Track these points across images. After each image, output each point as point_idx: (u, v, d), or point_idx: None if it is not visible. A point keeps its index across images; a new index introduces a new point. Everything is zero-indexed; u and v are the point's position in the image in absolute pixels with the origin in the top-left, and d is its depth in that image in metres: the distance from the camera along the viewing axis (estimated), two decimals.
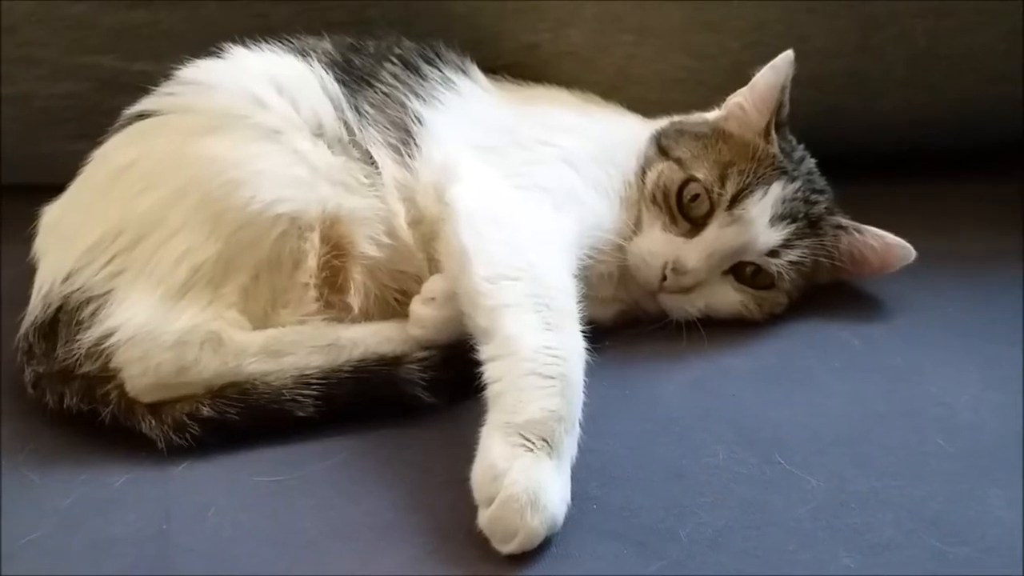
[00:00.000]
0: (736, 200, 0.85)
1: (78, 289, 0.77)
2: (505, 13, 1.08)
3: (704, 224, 0.85)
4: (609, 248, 0.86)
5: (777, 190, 0.86)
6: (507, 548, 0.63)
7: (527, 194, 0.85)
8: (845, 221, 0.90)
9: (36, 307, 0.80)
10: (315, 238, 0.81)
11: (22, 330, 0.81)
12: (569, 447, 0.67)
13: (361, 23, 1.06)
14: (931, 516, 0.66)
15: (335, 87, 0.89)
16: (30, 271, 0.84)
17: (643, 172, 0.89)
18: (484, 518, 0.64)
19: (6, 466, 0.74)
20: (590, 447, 0.70)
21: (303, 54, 0.91)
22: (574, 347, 0.71)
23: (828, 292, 0.92)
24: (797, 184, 0.88)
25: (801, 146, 0.94)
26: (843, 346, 0.85)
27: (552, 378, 0.68)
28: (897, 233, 0.89)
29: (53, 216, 0.85)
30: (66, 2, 1.07)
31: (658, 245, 0.86)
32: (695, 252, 0.84)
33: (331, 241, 0.82)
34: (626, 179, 0.90)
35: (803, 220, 0.87)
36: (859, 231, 0.89)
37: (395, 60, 0.94)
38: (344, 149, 0.86)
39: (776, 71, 0.89)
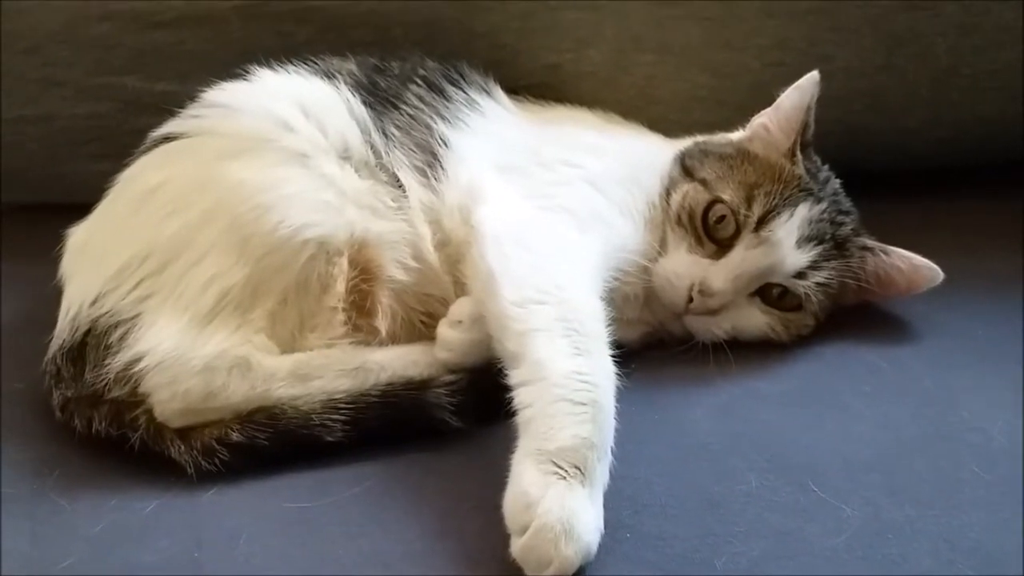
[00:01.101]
0: (763, 222, 0.85)
1: (106, 313, 0.77)
2: (526, 33, 1.08)
3: (730, 246, 0.85)
4: (634, 269, 0.86)
5: (803, 211, 0.86)
6: None
7: (552, 215, 0.85)
8: (871, 242, 0.90)
9: (64, 330, 0.80)
10: (344, 263, 0.81)
11: (50, 353, 0.81)
12: (602, 474, 0.67)
13: (384, 43, 1.06)
14: (969, 546, 0.66)
15: (362, 110, 0.89)
16: (56, 292, 0.84)
17: (667, 193, 0.89)
18: (517, 547, 0.63)
19: (35, 491, 0.74)
20: (621, 473, 0.69)
21: (329, 76, 0.91)
22: (605, 372, 0.71)
23: (854, 314, 0.91)
24: (823, 205, 0.87)
25: (825, 167, 0.93)
26: (871, 369, 0.84)
27: (583, 404, 0.67)
28: (922, 252, 0.88)
29: (79, 238, 0.85)
30: (89, 23, 1.08)
31: (684, 267, 0.85)
32: (722, 274, 0.84)
33: (359, 265, 0.82)
34: (650, 200, 0.89)
35: (830, 241, 0.87)
36: (886, 252, 0.89)
37: (420, 82, 0.94)
38: (371, 172, 0.86)
39: (802, 92, 0.89)
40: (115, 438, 0.76)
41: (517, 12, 1.08)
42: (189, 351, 0.75)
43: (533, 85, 1.06)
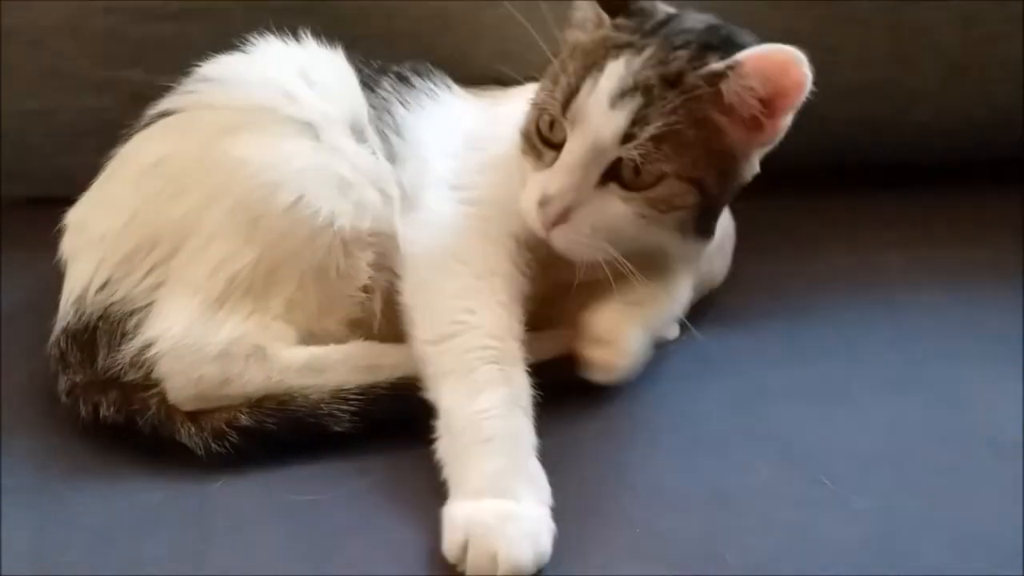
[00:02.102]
0: (568, 102, 0.73)
1: (120, 300, 0.76)
2: (533, 25, 1.07)
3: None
4: None
5: (616, 69, 0.73)
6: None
7: (467, 213, 0.81)
8: (719, 65, 0.73)
9: (67, 313, 0.78)
10: (368, 256, 0.79)
11: (53, 336, 0.79)
12: (530, 483, 0.67)
13: (390, 36, 1.05)
14: (984, 540, 0.65)
15: None
16: (59, 285, 0.82)
17: None
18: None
19: (39, 482, 0.73)
20: (631, 465, 0.70)
21: None
22: (511, 398, 0.70)
23: (859, 306, 0.90)
24: (647, 52, 0.73)
25: (685, 17, 0.79)
26: (881, 362, 0.84)
27: (490, 440, 0.68)
28: (932, 245, 0.87)
29: (79, 216, 0.84)
30: (93, 16, 1.07)
31: (529, 186, 0.75)
32: (553, 175, 0.73)
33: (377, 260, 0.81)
34: None
35: (656, 86, 0.72)
36: (736, 66, 0.72)
37: (392, 75, 0.92)
38: (376, 151, 0.83)
39: None
40: (122, 425, 0.75)
41: (525, 5, 1.07)
42: (202, 337, 0.74)
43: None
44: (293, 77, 0.83)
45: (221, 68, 0.86)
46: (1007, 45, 1.07)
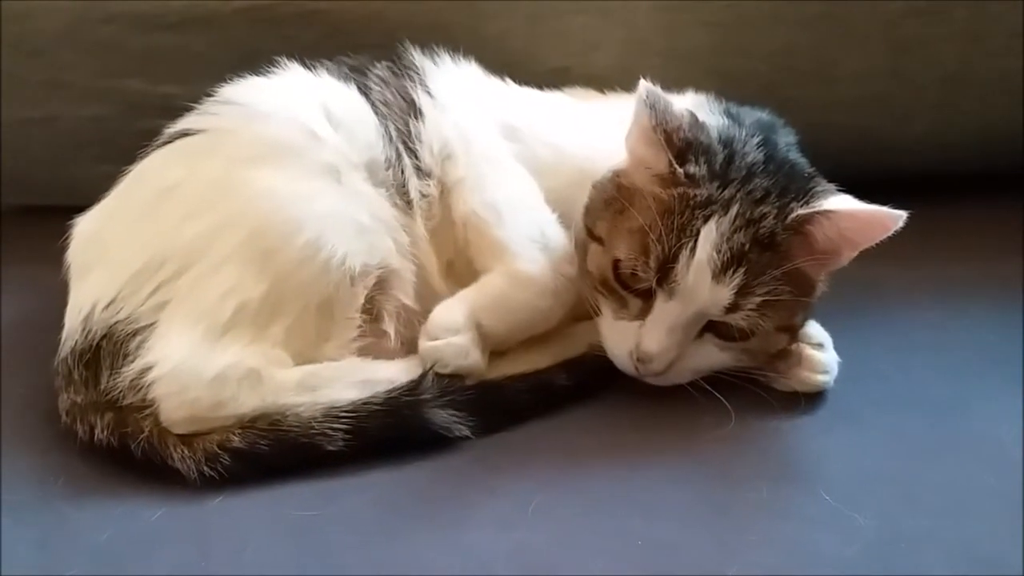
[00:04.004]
0: (664, 273, 0.74)
1: (124, 319, 0.75)
2: (534, 37, 1.08)
3: (651, 298, 0.76)
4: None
5: (709, 235, 0.73)
6: (442, 371, 0.77)
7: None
8: (804, 211, 0.74)
9: (75, 331, 0.77)
10: (369, 281, 0.80)
11: (61, 354, 0.79)
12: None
13: (391, 46, 1.05)
14: (985, 557, 0.65)
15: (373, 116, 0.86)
16: (59, 296, 0.82)
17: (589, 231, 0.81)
18: (427, 347, 0.78)
19: (40, 498, 0.73)
20: (632, 481, 0.70)
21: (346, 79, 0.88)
22: None
23: (858, 321, 0.90)
24: (732, 211, 0.74)
25: (738, 141, 0.78)
26: (881, 378, 0.84)
27: None
28: (930, 259, 0.87)
29: (89, 227, 0.83)
30: (93, 25, 1.08)
31: (617, 336, 0.78)
32: (651, 337, 0.75)
33: (379, 282, 0.81)
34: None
35: (753, 250, 0.74)
36: (828, 217, 0.74)
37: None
38: (391, 197, 0.84)
39: (640, 102, 0.76)
40: (115, 447, 0.74)
41: (525, 16, 1.08)
42: (201, 362, 0.73)
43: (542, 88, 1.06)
44: (318, 115, 0.83)
45: (244, 92, 0.85)
46: (1006, 60, 1.07)
